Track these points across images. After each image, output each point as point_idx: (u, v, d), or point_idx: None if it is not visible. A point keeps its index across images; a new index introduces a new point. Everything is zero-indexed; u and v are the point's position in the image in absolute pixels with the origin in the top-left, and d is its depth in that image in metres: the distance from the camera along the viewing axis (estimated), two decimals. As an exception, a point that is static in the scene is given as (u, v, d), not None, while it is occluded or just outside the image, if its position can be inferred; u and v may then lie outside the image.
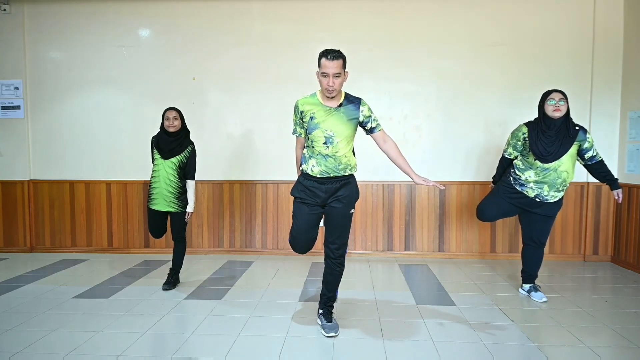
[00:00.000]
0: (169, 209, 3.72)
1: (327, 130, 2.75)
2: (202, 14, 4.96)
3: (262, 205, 5.05)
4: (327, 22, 4.87)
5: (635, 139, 4.46)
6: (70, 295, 3.65)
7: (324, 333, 2.86)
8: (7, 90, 5.12)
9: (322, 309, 3.00)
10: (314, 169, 2.80)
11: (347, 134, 2.79)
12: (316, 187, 2.82)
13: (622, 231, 4.60)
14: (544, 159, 3.24)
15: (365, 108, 2.84)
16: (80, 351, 2.64)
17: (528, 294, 3.59)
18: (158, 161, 3.71)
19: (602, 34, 4.66)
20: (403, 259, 4.90)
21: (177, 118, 3.70)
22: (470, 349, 2.68)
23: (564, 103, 3.21)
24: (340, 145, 2.77)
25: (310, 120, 2.78)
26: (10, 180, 5.18)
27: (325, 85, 2.70)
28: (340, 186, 2.83)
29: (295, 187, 2.93)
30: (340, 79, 2.72)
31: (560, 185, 3.30)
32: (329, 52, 2.68)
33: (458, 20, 4.79)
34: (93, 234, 5.19)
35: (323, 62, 2.68)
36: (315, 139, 2.78)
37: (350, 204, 2.88)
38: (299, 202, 2.90)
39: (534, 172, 3.32)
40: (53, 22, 5.07)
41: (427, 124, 4.90)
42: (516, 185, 3.41)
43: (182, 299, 3.56)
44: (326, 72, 2.67)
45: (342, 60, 2.70)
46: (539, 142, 3.25)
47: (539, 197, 3.34)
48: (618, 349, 2.68)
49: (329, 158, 2.77)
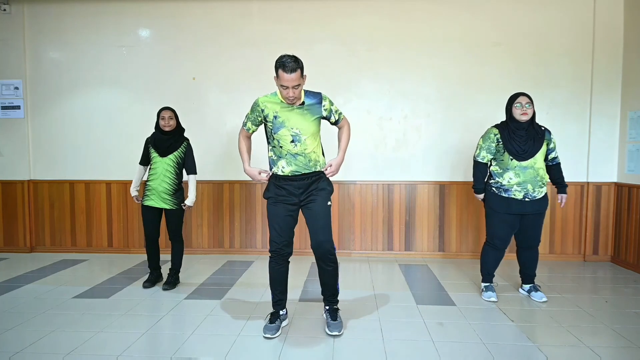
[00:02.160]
0: (164, 206, 3.73)
1: (293, 129, 2.76)
2: (202, 15, 4.96)
3: (262, 205, 5.04)
4: (327, 22, 4.87)
5: (635, 139, 4.46)
6: (70, 295, 3.65)
7: (327, 331, 2.86)
8: (7, 90, 5.12)
9: (327, 305, 3.02)
10: (285, 169, 2.80)
11: (312, 130, 2.81)
12: (289, 184, 2.82)
13: (622, 231, 4.60)
14: (520, 156, 3.31)
15: (326, 102, 2.85)
16: (80, 351, 2.64)
17: (528, 293, 3.60)
18: (156, 159, 3.73)
19: (602, 34, 4.66)
20: (403, 259, 4.90)
21: (173, 117, 3.75)
22: (470, 349, 2.68)
23: (530, 107, 3.33)
24: (308, 142, 2.78)
25: (274, 119, 2.78)
26: (10, 180, 5.18)
27: (285, 95, 2.71)
28: (312, 181, 2.84)
29: (267, 189, 2.92)
30: (300, 88, 2.72)
31: (541, 182, 3.36)
32: (287, 64, 2.63)
33: (458, 20, 4.79)
34: (93, 234, 5.19)
35: (281, 74, 2.65)
36: (282, 138, 2.77)
37: (327, 197, 2.88)
38: (272, 202, 2.87)
39: (513, 173, 3.34)
40: (53, 22, 5.07)
41: (427, 124, 4.90)
42: (502, 193, 3.40)
43: (182, 299, 3.56)
44: (285, 84, 2.66)
45: (299, 70, 2.66)
46: (513, 141, 3.33)
47: (528, 196, 3.35)
48: (618, 349, 2.68)
49: (299, 156, 2.78)
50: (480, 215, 4.86)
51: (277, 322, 2.92)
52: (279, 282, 2.94)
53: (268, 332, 2.84)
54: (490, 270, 3.59)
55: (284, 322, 3.01)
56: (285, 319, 3.02)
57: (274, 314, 2.96)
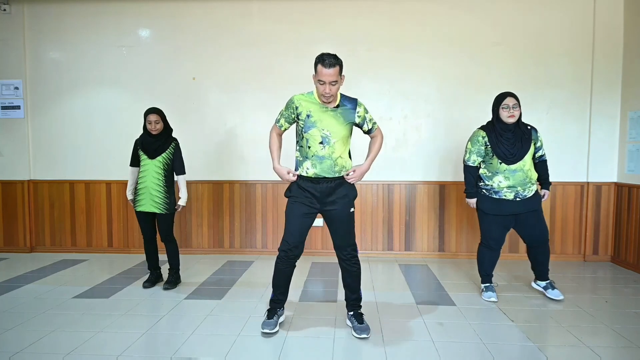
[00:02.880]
0: (155, 210, 3.72)
1: (324, 130, 2.74)
2: (202, 15, 4.96)
3: (262, 205, 5.05)
4: (327, 22, 4.87)
5: (635, 139, 4.46)
6: (70, 295, 3.65)
7: (355, 334, 2.83)
8: (7, 90, 5.12)
9: (351, 311, 2.97)
10: (309, 171, 2.78)
11: (343, 134, 2.78)
12: (311, 187, 2.80)
13: (622, 231, 4.60)
14: (508, 160, 3.29)
15: (361, 109, 2.83)
16: (80, 351, 2.64)
17: (544, 290, 3.58)
18: (145, 162, 3.73)
19: (602, 34, 4.66)
20: (403, 259, 4.90)
21: (159, 121, 3.72)
22: (470, 349, 2.68)
23: (517, 108, 3.31)
24: (337, 145, 2.76)
25: (307, 118, 2.75)
26: (10, 180, 5.18)
27: (321, 91, 2.69)
28: (336, 186, 2.81)
29: (289, 188, 2.90)
30: (337, 86, 2.70)
31: (530, 182, 3.35)
32: (326, 58, 2.64)
33: (458, 20, 4.79)
34: (93, 234, 5.19)
35: (319, 70, 2.66)
36: (311, 138, 2.75)
37: (349, 203, 2.86)
38: (293, 201, 2.85)
39: (502, 177, 3.33)
40: (53, 22, 5.07)
41: (427, 124, 4.90)
42: (492, 195, 3.39)
43: (182, 299, 3.56)
44: (323, 79, 2.64)
45: (338, 67, 2.67)
46: (501, 145, 3.32)
47: (518, 196, 3.34)
48: (618, 349, 2.68)
49: (325, 160, 2.75)
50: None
51: (275, 317, 2.92)
52: (282, 284, 2.94)
53: (266, 327, 2.84)
54: (488, 271, 3.59)
55: (281, 317, 3.01)
56: (282, 315, 3.02)
57: (271, 310, 2.97)
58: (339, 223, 2.85)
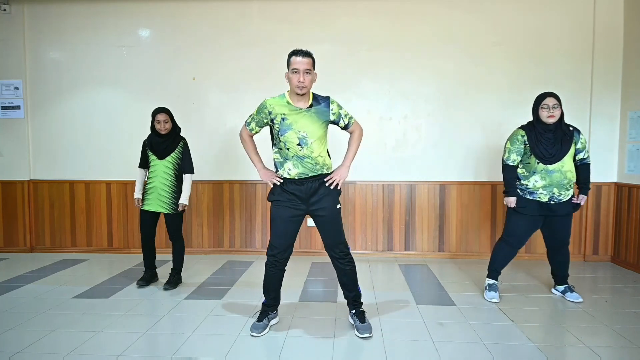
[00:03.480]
0: (162, 210, 3.72)
1: (300, 131, 2.73)
2: (202, 15, 4.96)
3: (262, 205, 5.05)
4: (327, 22, 4.86)
5: (635, 139, 4.46)
6: (70, 295, 3.65)
7: (357, 334, 2.84)
8: (7, 90, 5.12)
9: (352, 309, 2.98)
10: (291, 172, 2.77)
11: (319, 134, 2.78)
12: (295, 188, 2.79)
13: (622, 231, 4.60)
14: (547, 160, 3.24)
15: (334, 106, 2.83)
16: (80, 351, 2.64)
17: (563, 294, 3.57)
18: (154, 162, 3.73)
19: (602, 34, 4.66)
20: (403, 259, 4.90)
21: (168, 121, 3.72)
22: (470, 349, 2.68)
23: (557, 108, 3.25)
24: (314, 146, 2.75)
25: (282, 122, 2.75)
26: (10, 180, 5.18)
27: (295, 81, 2.69)
28: (319, 185, 2.81)
29: (272, 192, 2.87)
30: (310, 77, 2.73)
31: (568, 184, 3.30)
32: (299, 51, 2.73)
33: (458, 20, 4.79)
34: (93, 234, 5.19)
35: (293, 60, 2.71)
36: (288, 141, 2.74)
37: (335, 201, 2.86)
38: (277, 205, 2.83)
39: (539, 177, 3.29)
40: (53, 22, 5.07)
41: (427, 124, 4.90)
42: (526, 195, 3.35)
43: (182, 299, 3.56)
44: (297, 67, 2.68)
45: (311, 59, 2.74)
46: (540, 145, 3.26)
47: (553, 199, 3.30)
48: (618, 349, 2.68)
49: (306, 159, 2.75)
50: (480, 215, 4.87)
51: (265, 320, 2.92)
52: (273, 288, 2.96)
53: (255, 331, 2.84)
54: (498, 267, 3.57)
55: (273, 320, 3.01)
56: (274, 317, 3.03)
57: (262, 312, 2.97)
58: (328, 221, 2.84)
